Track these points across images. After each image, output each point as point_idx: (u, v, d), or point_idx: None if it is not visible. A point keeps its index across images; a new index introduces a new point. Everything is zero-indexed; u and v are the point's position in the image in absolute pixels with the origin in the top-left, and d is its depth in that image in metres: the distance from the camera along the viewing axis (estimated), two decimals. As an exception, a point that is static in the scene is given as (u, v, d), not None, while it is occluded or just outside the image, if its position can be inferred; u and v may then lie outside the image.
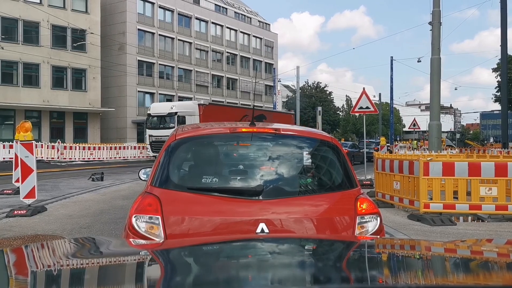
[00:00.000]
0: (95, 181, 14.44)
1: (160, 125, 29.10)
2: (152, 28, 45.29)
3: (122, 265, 1.52)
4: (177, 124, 27.44)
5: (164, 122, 29.04)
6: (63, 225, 7.26)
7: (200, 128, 3.69)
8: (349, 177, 3.36)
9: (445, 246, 1.83)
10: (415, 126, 33.21)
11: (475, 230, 7.29)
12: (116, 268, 1.46)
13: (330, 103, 62.20)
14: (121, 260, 1.60)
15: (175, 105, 30.10)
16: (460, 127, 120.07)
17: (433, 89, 13.74)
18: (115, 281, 1.29)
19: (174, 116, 28.48)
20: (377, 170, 10.14)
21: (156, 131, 28.78)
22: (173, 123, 27.94)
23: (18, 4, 33.45)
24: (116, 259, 1.63)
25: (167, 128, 27.60)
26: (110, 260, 1.61)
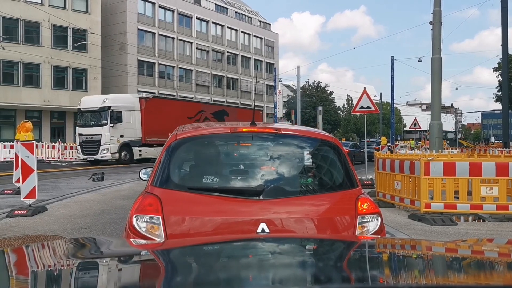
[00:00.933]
0: (96, 181, 14.44)
1: (91, 122, 24.99)
2: (153, 28, 45.32)
3: (123, 265, 1.52)
4: (110, 121, 24.32)
5: (96, 118, 24.92)
6: (64, 225, 7.26)
7: (201, 128, 3.70)
8: (350, 177, 3.36)
9: (446, 246, 1.82)
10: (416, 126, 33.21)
11: (476, 230, 7.29)
12: (116, 268, 1.46)
13: (331, 103, 62.21)
14: (122, 260, 1.60)
15: (109, 98, 25.83)
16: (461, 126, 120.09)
17: (434, 88, 13.74)
18: (116, 281, 1.29)
19: (107, 111, 24.46)
20: (378, 170, 10.13)
21: (87, 129, 24.82)
22: (106, 119, 24.35)
23: (19, 4, 33.48)
24: (117, 259, 1.63)
25: (99, 125, 24.46)
26: (111, 260, 1.61)
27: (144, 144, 26.15)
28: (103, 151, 24.17)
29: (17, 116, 34.53)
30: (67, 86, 36.90)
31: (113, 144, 24.45)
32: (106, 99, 25.05)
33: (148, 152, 26.35)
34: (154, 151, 26.04)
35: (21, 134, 8.65)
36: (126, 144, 25.16)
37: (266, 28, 62.97)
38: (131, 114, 25.62)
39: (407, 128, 65.16)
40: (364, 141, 20.53)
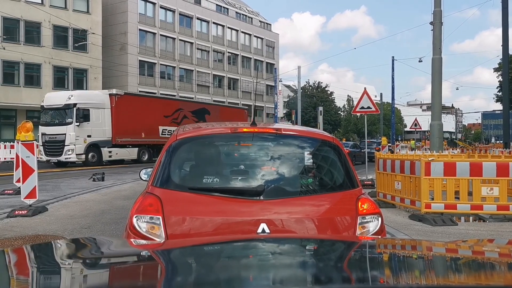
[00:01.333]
0: (96, 181, 14.45)
1: (55, 121, 22.90)
2: (154, 28, 45.35)
3: (123, 265, 1.52)
4: (76, 119, 22.30)
5: (60, 116, 22.83)
6: (64, 225, 7.26)
7: (201, 128, 3.70)
8: (350, 177, 3.36)
9: (446, 246, 1.82)
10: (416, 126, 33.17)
11: (477, 230, 7.28)
12: (117, 269, 1.46)
13: (331, 103, 62.21)
14: (122, 260, 1.60)
15: (74, 94, 23.70)
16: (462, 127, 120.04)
17: (434, 89, 13.73)
18: (116, 281, 1.29)
19: (72, 108, 22.38)
20: (378, 170, 10.13)
21: (50, 128, 22.70)
22: (71, 118, 22.29)
23: (20, 5, 33.50)
24: (117, 259, 1.63)
25: (64, 124, 22.43)
26: (111, 260, 1.61)
27: (115, 144, 24.44)
28: (67, 152, 22.19)
29: (17, 116, 34.55)
30: (68, 86, 36.90)
31: (79, 144, 22.46)
32: (72, 96, 23.01)
33: (120, 153, 24.85)
34: (126, 152, 25.06)
35: (21, 134, 8.65)
36: (94, 145, 23.26)
37: (267, 28, 63.00)
38: (100, 112, 23.65)
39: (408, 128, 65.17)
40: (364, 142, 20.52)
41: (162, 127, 27.32)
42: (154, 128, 26.73)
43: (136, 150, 25.79)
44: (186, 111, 29.48)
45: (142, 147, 26.21)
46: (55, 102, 22.94)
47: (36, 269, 1.46)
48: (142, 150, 26.27)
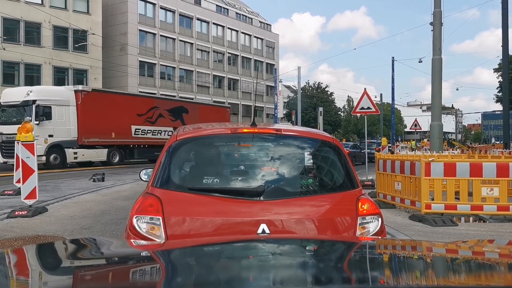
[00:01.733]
0: (96, 182, 14.45)
1: (12, 119, 20.68)
2: (154, 28, 45.37)
3: (123, 266, 1.52)
4: (36, 117, 20.29)
5: (18, 114, 20.75)
6: (64, 226, 7.26)
7: (201, 129, 3.70)
8: (350, 178, 3.36)
9: (446, 246, 1.82)
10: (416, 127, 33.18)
11: (477, 231, 7.28)
12: (117, 269, 1.46)
13: (331, 104, 62.21)
14: (122, 261, 1.60)
15: (34, 90, 21.55)
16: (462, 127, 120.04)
17: (434, 89, 13.73)
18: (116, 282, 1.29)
19: (31, 105, 20.39)
20: (378, 171, 10.13)
21: (7, 127, 20.34)
22: (30, 115, 20.04)
23: (20, 5, 33.52)
24: (117, 260, 1.63)
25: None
26: (111, 261, 1.61)
27: (82, 145, 22.54)
28: None
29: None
30: (68, 87, 36.92)
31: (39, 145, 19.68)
32: (31, 92, 20.96)
33: (87, 154, 22.93)
34: (94, 153, 23.14)
35: (21, 134, 8.65)
36: (56, 146, 21.27)
37: (267, 29, 63.02)
38: (64, 110, 21.61)
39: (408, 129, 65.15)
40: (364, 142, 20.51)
41: (135, 126, 25.84)
42: (125, 128, 25.13)
43: (106, 151, 24.01)
44: (162, 109, 27.99)
45: (112, 148, 24.51)
46: (13, 98, 21.07)
47: (36, 270, 1.46)
48: (113, 152, 24.53)
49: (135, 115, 25.77)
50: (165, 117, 27.98)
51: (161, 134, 27.41)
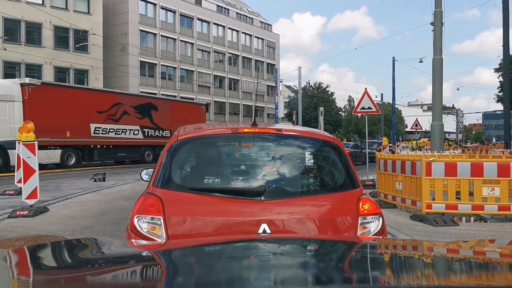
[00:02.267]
0: (97, 182, 14.46)
1: None
2: (154, 29, 45.38)
3: (124, 265, 1.52)
4: None
5: None
6: (65, 226, 7.27)
7: (202, 129, 3.71)
8: (351, 178, 3.36)
9: (447, 246, 1.82)
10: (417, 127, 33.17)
11: (478, 231, 7.28)
12: (118, 269, 1.46)
13: (332, 104, 62.23)
14: (123, 261, 1.60)
15: None
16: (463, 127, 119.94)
17: (435, 89, 13.71)
18: (117, 282, 1.29)
19: None
20: (379, 171, 10.13)
21: None
22: None
23: (21, 5, 33.55)
24: (118, 259, 1.63)
25: None
26: (112, 261, 1.61)
27: None
28: None
29: (18, 117, 34.53)
30: (69, 87, 36.91)
31: None
32: None
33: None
34: (45, 155, 19.81)
35: (23, 134, 8.66)
36: None
37: (267, 29, 63.02)
38: (7, 105, 19.12)
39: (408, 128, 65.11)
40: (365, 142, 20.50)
41: (94, 124, 23.30)
42: (83, 126, 22.61)
43: (59, 152, 21.38)
44: (127, 106, 25.55)
45: (67, 149, 21.83)
46: None
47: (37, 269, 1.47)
48: (68, 153, 21.89)
49: (95, 112, 23.26)
50: (130, 114, 25.74)
51: (126, 133, 25.42)
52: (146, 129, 26.81)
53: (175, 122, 26.93)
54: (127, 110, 25.54)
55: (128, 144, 25.68)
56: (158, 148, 27.14)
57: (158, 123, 27.49)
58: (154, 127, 27.34)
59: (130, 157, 26.25)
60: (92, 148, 23.42)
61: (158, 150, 26.95)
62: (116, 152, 24.96)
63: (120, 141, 25.17)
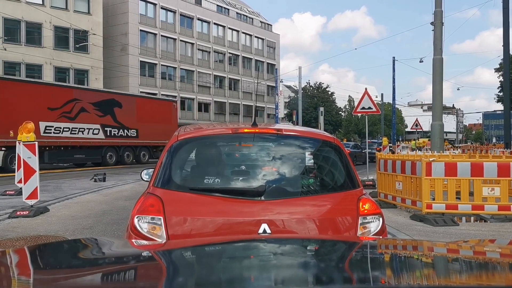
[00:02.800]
0: (98, 182, 14.47)
1: None
2: (154, 29, 45.38)
3: (125, 265, 1.52)
4: None
5: None
6: (66, 226, 7.27)
7: (202, 129, 3.71)
8: (351, 178, 3.36)
9: (447, 246, 1.82)
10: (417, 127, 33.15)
11: (478, 231, 7.28)
12: (118, 269, 1.46)
13: (332, 104, 62.22)
14: (124, 261, 1.60)
15: None
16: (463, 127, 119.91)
17: (435, 89, 13.71)
18: (117, 282, 1.29)
19: None
20: (379, 171, 10.13)
21: None
22: None
23: (21, 5, 33.55)
24: (119, 259, 1.63)
25: None
26: (113, 261, 1.61)
27: None
28: None
29: (18, 117, 34.52)
30: (69, 87, 36.87)
31: None
32: None
33: None
34: None
35: (23, 135, 8.67)
36: None
37: (267, 29, 63.01)
38: None
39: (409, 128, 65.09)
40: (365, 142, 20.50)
41: (45, 123, 20.60)
42: None
43: (2, 154, 19.13)
44: (85, 102, 22.91)
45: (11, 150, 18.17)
46: None
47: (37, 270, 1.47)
48: (12, 155, 18.19)
49: (45, 109, 20.69)
50: (89, 112, 23.10)
51: (83, 132, 22.78)
52: (108, 128, 24.39)
53: (142, 120, 26.38)
54: (85, 107, 22.99)
55: (87, 144, 23.12)
56: (122, 149, 25.42)
57: (122, 122, 25.23)
58: (117, 126, 24.99)
59: (89, 159, 23.81)
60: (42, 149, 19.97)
61: (122, 151, 25.43)
62: (72, 153, 22.47)
63: (77, 142, 22.53)
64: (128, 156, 26.13)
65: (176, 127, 28.19)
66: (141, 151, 27.14)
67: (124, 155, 25.83)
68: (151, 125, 26.76)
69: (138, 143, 26.68)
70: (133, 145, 26.38)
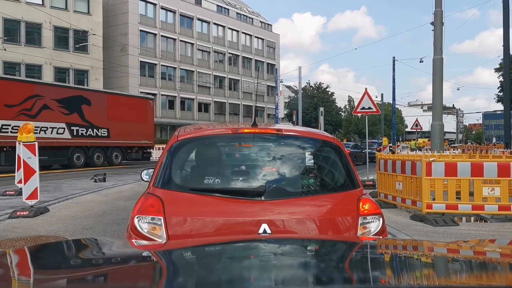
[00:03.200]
0: (98, 182, 14.47)
1: None
2: (154, 29, 45.39)
3: (125, 266, 1.52)
4: None
5: None
6: (66, 226, 7.27)
7: (202, 129, 3.70)
8: (351, 178, 3.36)
9: (447, 246, 1.82)
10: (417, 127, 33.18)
11: (478, 231, 7.28)
12: (118, 269, 1.46)
13: (332, 104, 62.23)
14: (124, 261, 1.60)
15: None
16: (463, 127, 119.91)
17: (435, 89, 13.72)
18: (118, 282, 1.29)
19: None
20: (379, 171, 10.13)
21: None
22: None
23: (21, 6, 33.57)
24: (119, 260, 1.63)
25: None
26: (113, 261, 1.61)
27: None
28: None
29: (18, 117, 34.50)
30: (69, 87, 36.85)
31: None
32: None
33: None
34: None
35: (23, 135, 8.67)
36: None
37: (267, 29, 63.01)
38: None
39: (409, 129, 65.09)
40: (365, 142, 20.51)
41: (1, 121, 18.98)
42: None
43: None
44: (48, 99, 20.96)
45: None
46: None
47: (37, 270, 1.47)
48: None
49: (1, 106, 19.12)
50: (53, 109, 21.17)
51: (46, 132, 20.66)
52: (75, 127, 22.13)
53: (114, 119, 24.30)
54: (49, 104, 21.02)
55: (50, 145, 20.57)
56: (91, 150, 23.26)
57: (91, 120, 22.83)
58: (86, 125, 22.73)
59: (54, 160, 21.27)
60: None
61: (91, 152, 23.27)
62: None
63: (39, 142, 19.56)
64: (98, 157, 23.82)
65: (152, 127, 27.51)
66: (113, 152, 24.88)
67: (94, 156, 23.53)
68: (125, 124, 24.84)
69: (110, 144, 24.38)
70: (104, 146, 24.05)
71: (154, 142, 28.40)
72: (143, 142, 26.62)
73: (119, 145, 25.17)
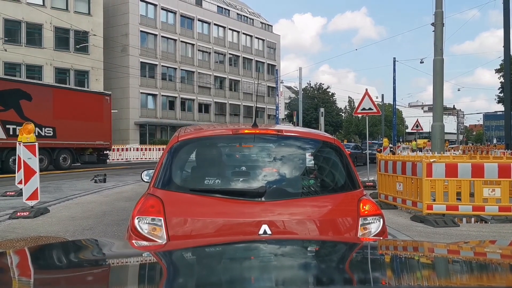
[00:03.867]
0: (98, 183, 14.47)
1: None
2: (155, 29, 45.41)
3: (125, 266, 1.52)
4: None
5: None
6: (66, 227, 7.27)
7: (203, 130, 3.70)
8: (352, 179, 3.36)
9: (448, 247, 1.82)
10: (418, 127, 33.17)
11: (478, 232, 7.27)
12: (118, 270, 1.46)
13: (332, 104, 62.23)
14: (124, 262, 1.60)
15: None
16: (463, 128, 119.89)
17: (436, 90, 13.71)
18: (118, 283, 1.29)
19: None
20: (379, 172, 10.12)
21: None
22: None
23: (21, 6, 33.60)
24: (119, 260, 1.63)
25: None
26: (113, 262, 1.61)
27: None
28: None
29: (19, 118, 34.50)
30: (69, 88, 36.86)
31: None
32: None
33: None
34: None
35: (23, 136, 8.67)
36: None
37: (268, 29, 63.03)
38: None
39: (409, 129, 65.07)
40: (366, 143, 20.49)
41: None
42: None
43: None
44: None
45: None
46: None
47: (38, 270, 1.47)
48: None
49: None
50: None
51: None
52: (10, 125, 18.99)
53: (62, 116, 21.27)
54: None
55: None
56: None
57: (32, 118, 18.21)
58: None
59: None
60: None
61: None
62: None
63: None
64: (42, 160, 19.45)
65: (109, 126, 24.08)
66: (61, 154, 21.60)
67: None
68: (75, 122, 21.76)
69: (56, 145, 21.06)
70: (48, 147, 20.40)
71: (111, 143, 24.99)
72: (98, 143, 23.49)
73: (68, 146, 21.92)
